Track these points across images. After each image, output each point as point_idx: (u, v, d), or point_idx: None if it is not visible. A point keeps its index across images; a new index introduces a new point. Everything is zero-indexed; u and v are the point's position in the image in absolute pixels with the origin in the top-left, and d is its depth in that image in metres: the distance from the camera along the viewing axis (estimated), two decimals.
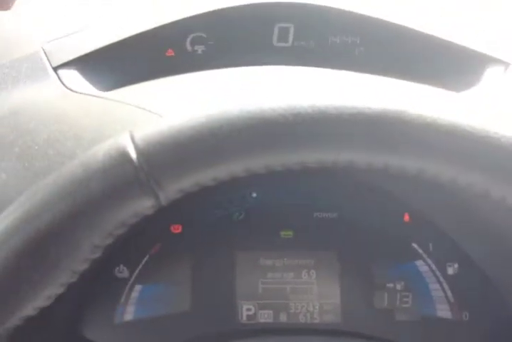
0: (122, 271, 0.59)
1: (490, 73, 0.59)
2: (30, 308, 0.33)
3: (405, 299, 0.60)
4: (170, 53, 0.65)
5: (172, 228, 0.60)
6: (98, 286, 0.58)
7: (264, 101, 0.33)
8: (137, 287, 0.58)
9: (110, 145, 0.33)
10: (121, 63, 0.61)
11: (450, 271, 0.61)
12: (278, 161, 0.33)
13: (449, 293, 0.60)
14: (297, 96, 0.33)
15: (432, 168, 0.33)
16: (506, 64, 0.59)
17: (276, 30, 0.64)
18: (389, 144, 0.32)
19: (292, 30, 0.64)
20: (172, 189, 0.33)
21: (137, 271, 0.59)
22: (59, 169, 0.33)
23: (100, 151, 0.33)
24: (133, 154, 0.32)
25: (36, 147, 0.50)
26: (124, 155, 0.32)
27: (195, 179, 0.33)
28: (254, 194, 0.62)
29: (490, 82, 0.58)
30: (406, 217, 0.62)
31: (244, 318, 0.59)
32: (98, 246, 0.34)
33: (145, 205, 0.33)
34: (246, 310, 0.59)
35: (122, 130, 0.35)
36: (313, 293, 0.60)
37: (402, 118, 0.32)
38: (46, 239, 0.32)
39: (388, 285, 0.60)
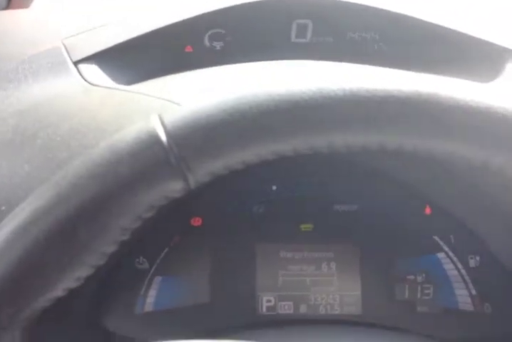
0: (142, 263, 0.59)
1: (511, 66, 0.59)
2: (59, 289, 0.33)
3: (426, 291, 0.60)
4: (189, 49, 0.65)
5: (192, 221, 0.61)
6: (118, 277, 0.58)
7: (293, 84, 0.33)
8: (157, 278, 0.59)
9: (139, 128, 0.33)
10: (140, 58, 0.62)
11: (472, 263, 0.60)
12: (307, 144, 0.33)
13: (471, 286, 0.60)
14: (326, 80, 0.33)
15: (464, 151, 0.32)
16: None
17: (294, 27, 0.65)
18: (420, 126, 0.32)
19: (310, 26, 0.64)
20: (201, 172, 0.33)
21: (157, 263, 0.59)
22: (87, 153, 0.33)
23: (129, 134, 0.33)
24: (163, 137, 0.32)
25: (59, 139, 0.50)
26: (154, 137, 0.32)
27: (224, 162, 0.33)
28: (274, 187, 0.62)
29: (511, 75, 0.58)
30: (427, 210, 0.61)
31: (264, 309, 0.59)
32: (126, 229, 0.34)
33: (174, 188, 0.33)
34: (266, 301, 0.59)
35: (143, 119, 0.35)
36: (333, 285, 0.60)
37: (434, 100, 0.32)
38: (76, 221, 0.32)
39: (409, 277, 0.60)
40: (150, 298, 0.58)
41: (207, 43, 0.64)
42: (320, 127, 0.32)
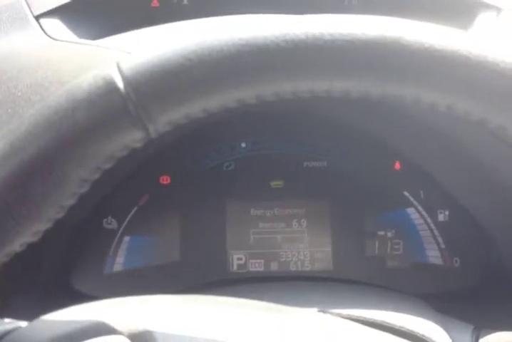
0: (110, 223, 0.58)
1: (483, 17, 0.58)
2: (17, 244, 0.32)
3: (396, 246, 0.60)
4: (155, 3, 0.63)
5: (160, 179, 0.59)
6: (86, 237, 0.57)
7: (255, 29, 0.32)
8: (126, 238, 0.58)
9: (95, 74, 0.31)
10: (105, 12, 0.59)
11: (441, 217, 0.61)
12: (270, 90, 0.31)
13: (440, 240, 0.60)
14: (290, 24, 0.32)
15: (429, 96, 0.32)
16: (498, 9, 0.58)
17: None
18: (386, 70, 0.31)
19: None
20: (162, 121, 0.32)
21: (125, 223, 0.58)
22: (44, 100, 0.32)
23: (86, 80, 0.31)
24: (120, 83, 0.30)
25: (19, 94, 0.49)
26: (110, 84, 0.30)
27: (185, 110, 0.32)
28: (244, 144, 0.61)
29: (483, 26, 0.57)
30: (397, 165, 0.61)
31: (235, 267, 0.59)
32: (85, 180, 0.32)
33: (134, 137, 0.32)
34: (237, 259, 0.59)
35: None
36: (304, 242, 0.60)
37: (399, 43, 0.31)
38: (32, 171, 0.31)
39: (379, 233, 0.60)
40: (119, 258, 0.57)
41: None
42: (284, 72, 0.31)
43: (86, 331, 0.30)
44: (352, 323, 0.43)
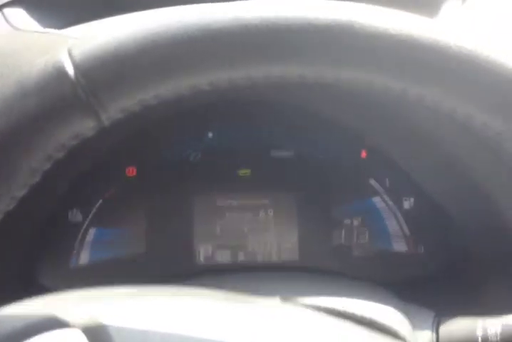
0: (75, 215, 0.57)
1: (448, 6, 0.58)
2: None
3: (362, 235, 0.60)
4: None
5: (126, 170, 0.59)
6: (51, 230, 0.57)
7: (207, 14, 0.31)
8: (92, 231, 0.57)
9: (46, 61, 0.31)
10: (70, 2, 0.58)
11: (406, 205, 0.61)
12: (224, 76, 0.31)
13: (405, 227, 0.61)
14: (242, 9, 0.32)
15: (382, 80, 0.32)
16: None
17: None
18: (340, 55, 0.31)
19: None
20: (113, 108, 0.31)
21: (91, 215, 0.57)
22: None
23: (36, 66, 0.31)
24: (70, 69, 0.30)
25: None
26: (60, 70, 0.30)
27: (138, 96, 0.31)
28: (210, 134, 0.61)
29: (448, 14, 0.58)
30: (363, 154, 0.62)
31: (202, 258, 0.59)
32: (36, 170, 0.32)
33: (85, 125, 0.31)
34: (203, 251, 0.59)
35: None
36: (271, 232, 0.60)
37: (353, 27, 0.31)
38: None
39: (345, 221, 0.60)
40: (85, 251, 0.57)
41: None
42: (237, 57, 0.30)
43: (39, 325, 0.29)
44: (313, 311, 0.43)
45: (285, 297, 0.46)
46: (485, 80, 0.31)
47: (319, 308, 0.44)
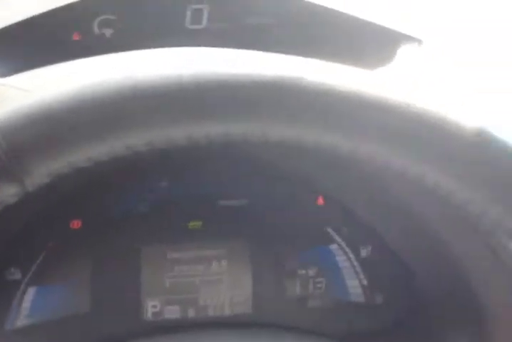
0: (13, 273, 0.54)
1: (404, 50, 0.56)
2: None
3: (318, 285, 0.58)
4: (76, 36, 0.58)
5: (70, 224, 0.55)
6: None
7: (141, 70, 0.29)
8: (31, 289, 0.54)
9: None
10: (21, 46, 0.54)
11: (363, 253, 0.59)
12: (162, 137, 0.29)
13: (362, 276, 0.59)
14: (175, 64, 0.29)
15: (330, 139, 0.30)
16: (419, 41, 0.57)
17: (189, 12, 0.59)
18: (282, 113, 0.28)
19: (205, 12, 0.59)
20: (39, 172, 0.28)
21: (31, 272, 0.54)
22: None
23: None
24: None
25: None
26: None
27: (66, 160, 0.28)
28: (161, 185, 0.57)
29: (404, 58, 0.56)
30: (320, 201, 0.59)
31: (150, 315, 0.56)
32: None
33: (7, 192, 0.28)
34: (151, 307, 0.56)
35: None
36: (224, 284, 0.57)
37: (298, 85, 0.28)
38: None
39: (300, 272, 0.58)
40: (23, 311, 0.53)
41: (96, 30, 0.58)
42: (175, 117, 0.28)
43: None
44: None
45: None
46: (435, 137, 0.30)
47: None
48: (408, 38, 0.56)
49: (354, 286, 0.59)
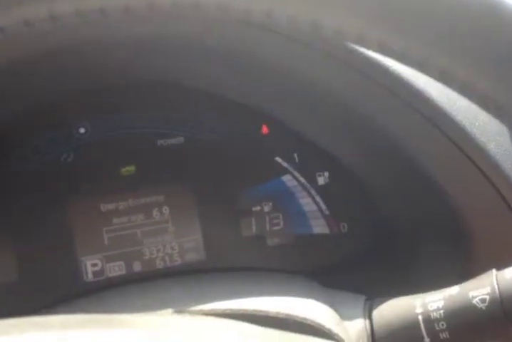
0: None
1: None
2: None
3: (275, 221, 0.52)
4: None
5: None
6: None
7: None
8: None
9: None
10: None
11: (320, 181, 0.53)
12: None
13: (323, 206, 0.53)
14: None
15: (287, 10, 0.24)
16: None
17: None
18: None
19: None
20: None
21: None
22: None
23: None
24: None
25: None
26: None
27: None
28: (82, 130, 0.51)
29: None
30: (265, 129, 0.53)
31: (90, 275, 0.49)
32: None
33: None
34: (91, 266, 0.49)
35: None
36: (169, 232, 0.51)
37: None
38: None
39: (254, 209, 0.52)
40: None
41: None
42: None
43: None
44: (215, 319, 0.35)
45: (183, 306, 0.37)
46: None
47: (223, 314, 0.36)
48: None
49: (316, 217, 0.53)
